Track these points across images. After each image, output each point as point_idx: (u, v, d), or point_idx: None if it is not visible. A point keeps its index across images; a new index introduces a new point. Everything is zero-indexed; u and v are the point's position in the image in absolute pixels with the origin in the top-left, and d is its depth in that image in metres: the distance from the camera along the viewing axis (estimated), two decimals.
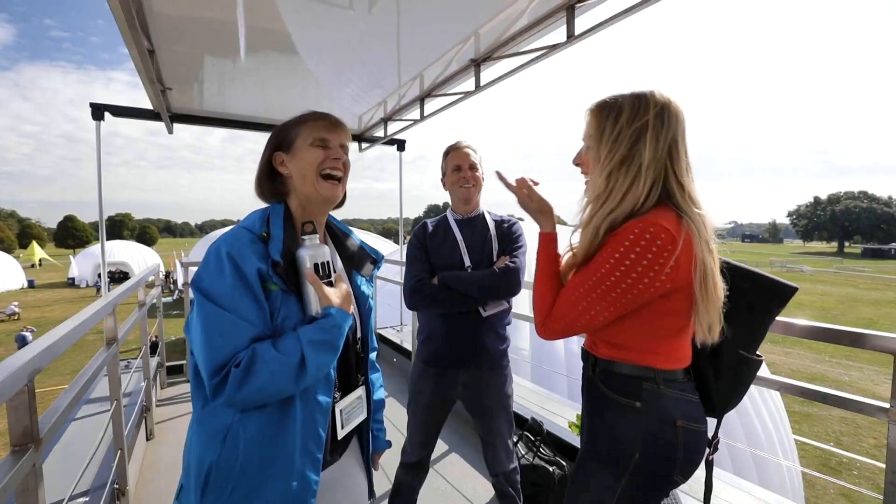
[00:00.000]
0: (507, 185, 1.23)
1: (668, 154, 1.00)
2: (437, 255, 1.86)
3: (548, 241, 1.16)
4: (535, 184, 1.21)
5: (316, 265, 1.00)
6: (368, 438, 1.24)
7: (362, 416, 1.17)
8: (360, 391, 1.16)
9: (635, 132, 0.99)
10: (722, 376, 1.10)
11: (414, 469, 1.94)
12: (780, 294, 1.05)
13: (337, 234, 1.22)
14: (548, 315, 1.09)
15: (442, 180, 1.93)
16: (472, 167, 1.84)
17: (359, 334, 1.17)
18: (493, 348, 1.80)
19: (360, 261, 1.23)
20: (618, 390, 1.05)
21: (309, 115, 1.09)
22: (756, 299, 1.06)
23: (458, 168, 1.84)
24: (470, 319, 1.78)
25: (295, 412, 0.96)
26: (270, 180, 1.09)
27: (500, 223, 1.88)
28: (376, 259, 1.26)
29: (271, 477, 0.94)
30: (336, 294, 1.01)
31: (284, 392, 0.91)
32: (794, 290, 1.05)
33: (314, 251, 1.01)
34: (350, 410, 1.12)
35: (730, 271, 1.07)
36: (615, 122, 1.01)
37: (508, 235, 1.83)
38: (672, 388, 1.02)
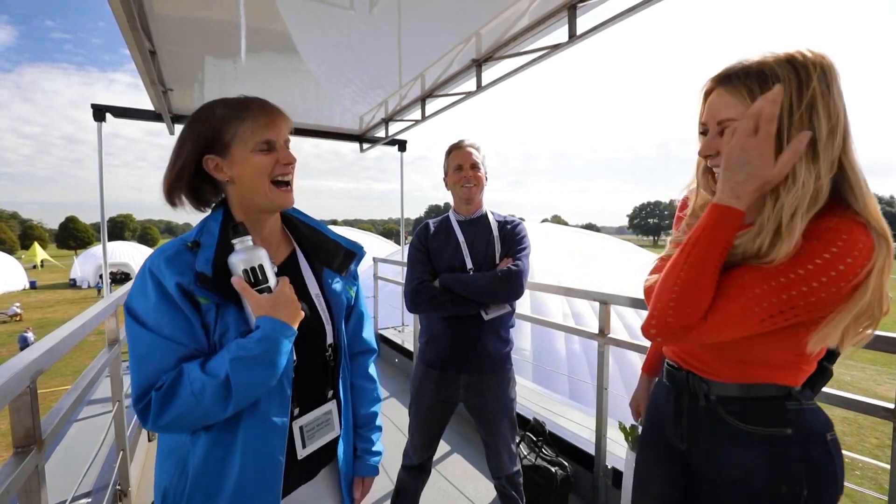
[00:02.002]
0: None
1: (844, 129, 0.77)
2: (439, 257, 1.84)
3: (733, 220, 0.81)
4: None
5: (246, 270, 0.88)
6: (342, 459, 1.06)
7: (332, 434, 1.04)
8: (330, 406, 1.03)
9: (808, 105, 0.75)
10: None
11: (416, 472, 1.93)
12: None
13: (300, 230, 1.09)
14: (702, 319, 0.81)
15: (444, 180, 1.91)
16: (474, 166, 1.81)
17: (329, 340, 1.03)
18: (495, 351, 1.79)
19: (329, 256, 1.09)
20: (758, 420, 0.87)
21: (246, 110, 0.92)
22: None
23: (460, 167, 1.82)
24: (472, 322, 1.76)
25: (240, 435, 0.87)
26: (196, 186, 0.94)
27: (503, 224, 1.86)
28: (354, 253, 1.11)
29: (236, 498, 0.86)
30: (269, 301, 0.87)
31: (213, 417, 0.81)
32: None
33: (247, 255, 0.89)
34: (314, 428, 1.00)
35: None
36: (789, 88, 0.76)
37: (512, 237, 1.82)
38: (806, 399, 0.87)
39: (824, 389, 1.39)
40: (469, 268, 1.78)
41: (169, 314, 0.83)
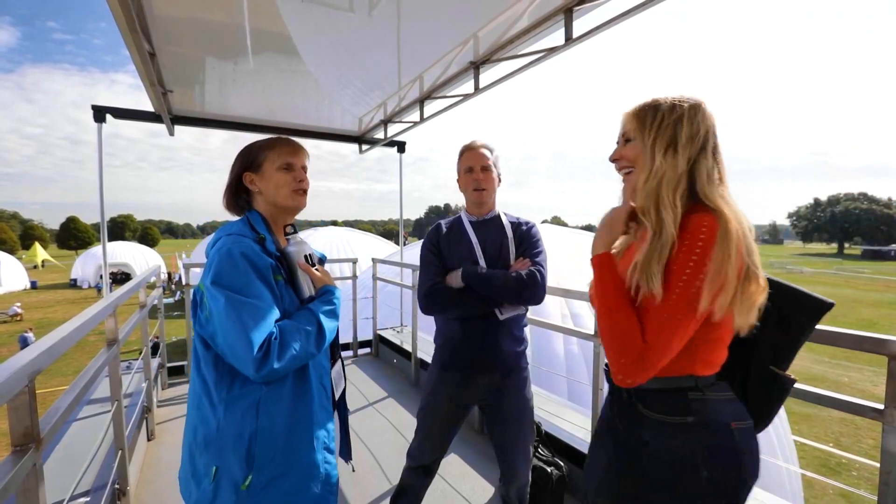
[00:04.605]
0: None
1: (704, 142, 0.99)
2: (451, 258, 1.81)
3: (605, 261, 1.05)
4: None
5: (306, 256, 1.25)
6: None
7: (343, 384, 1.40)
8: (339, 363, 1.40)
9: (675, 119, 1.00)
10: (750, 394, 1.05)
11: (422, 472, 1.89)
12: (811, 308, 1.01)
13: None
14: (643, 351, 0.93)
15: (457, 181, 1.89)
16: (485, 168, 1.78)
17: None
18: (510, 351, 1.77)
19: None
20: (663, 410, 0.99)
21: (275, 142, 1.28)
22: (787, 313, 1.02)
23: (471, 169, 1.79)
24: (486, 322, 1.74)
25: (310, 376, 1.20)
26: (238, 195, 1.29)
27: (517, 225, 1.83)
28: (323, 260, 1.46)
29: (304, 431, 1.16)
30: (326, 275, 1.30)
31: (312, 355, 1.13)
32: (830, 305, 1.01)
33: (299, 247, 1.26)
34: (337, 378, 1.36)
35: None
36: (655, 113, 1.03)
37: (527, 238, 1.79)
38: (714, 391, 0.99)
39: (816, 390, 1.40)
40: (482, 268, 1.76)
41: (265, 287, 1.10)
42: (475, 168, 1.79)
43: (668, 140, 1.00)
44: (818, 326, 1.37)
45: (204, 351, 1.14)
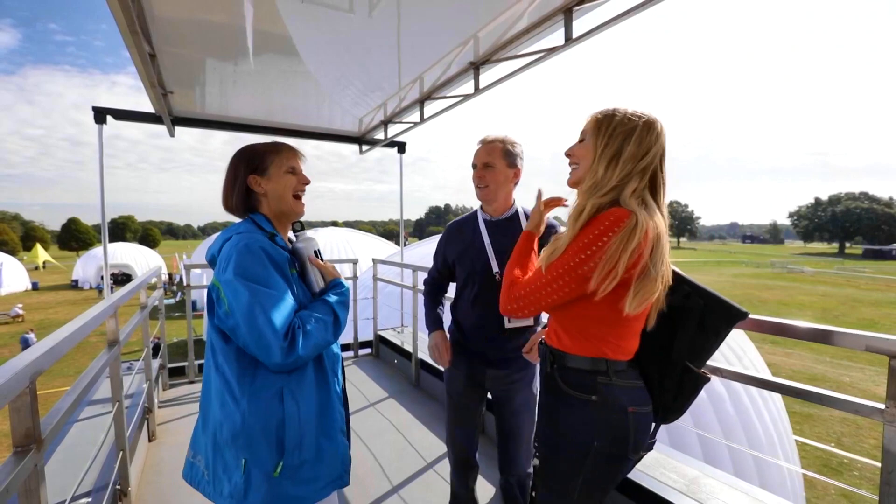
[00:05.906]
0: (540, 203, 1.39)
1: (650, 161, 1.11)
2: (462, 260, 1.79)
3: (529, 238, 1.34)
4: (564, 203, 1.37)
5: (315, 251, 1.34)
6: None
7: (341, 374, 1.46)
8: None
9: (626, 131, 1.11)
10: (666, 384, 1.19)
11: (463, 470, 1.89)
12: (728, 316, 1.16)
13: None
14: (513, 283, 1.21)
15: None
16: (487, 165, 1.72)
17: None
18: (520, 346, 1.76)
19: None
20: (575, 386, 1.17)
21: (279, 147, 1.34)
22: (707, 317, 1.16)
23: (474, 167, 1.76)
24: (498, 320, 1.74)
25: (326, 364, 1.28)
26: (243, 197, 1.31)
27: None
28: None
29: (326, 415, 1.25)
30: (335, 269, 1.36)
31: (330, 342, 1.22)
32: (745, 315, 1.17)
33: (308, 243, 1.33)
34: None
35: (688, 286, 1.18)
36: (610, 122, 1.13)
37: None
38: (621, 378, 1.15)
39: (817, 390, 1.40)
40: (496, 272, 1.72)
41: (282, 279, 1.16)
42: (477, 165, 1.76)
43: (613, 152, 1.11)
44: (820, 326, 1.39)
45: (224, 345, 1.16)
